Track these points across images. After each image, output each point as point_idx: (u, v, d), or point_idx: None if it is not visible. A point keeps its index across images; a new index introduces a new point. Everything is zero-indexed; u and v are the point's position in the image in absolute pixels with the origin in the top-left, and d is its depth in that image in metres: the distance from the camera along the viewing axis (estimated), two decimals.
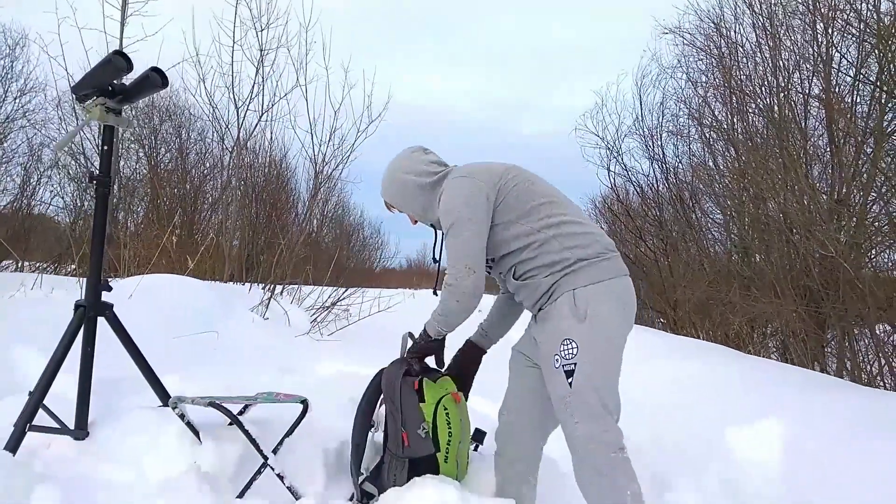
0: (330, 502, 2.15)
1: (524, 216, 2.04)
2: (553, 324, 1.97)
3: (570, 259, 1.98)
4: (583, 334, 1.91)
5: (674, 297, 11.33)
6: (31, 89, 12.50)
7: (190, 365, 3.57)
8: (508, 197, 2.06)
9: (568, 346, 1.90)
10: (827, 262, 7.13)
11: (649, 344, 5.59)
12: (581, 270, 1.97)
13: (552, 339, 1.96)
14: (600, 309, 1.94)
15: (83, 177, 12.94)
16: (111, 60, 2.22)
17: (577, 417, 1.89)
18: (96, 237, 2.36)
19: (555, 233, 2.01)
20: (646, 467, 2.15)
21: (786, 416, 2.88)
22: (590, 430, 1.88)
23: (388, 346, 2.38)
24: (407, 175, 2.21)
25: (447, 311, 2.06)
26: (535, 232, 2.02)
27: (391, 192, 2.26)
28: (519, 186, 2.08)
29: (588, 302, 1.93)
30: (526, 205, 2.05)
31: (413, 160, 2.24)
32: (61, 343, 2.32)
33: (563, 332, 1.93)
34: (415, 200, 2.21)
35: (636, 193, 12.94)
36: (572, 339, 1.90)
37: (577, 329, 1.91)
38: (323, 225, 12.80)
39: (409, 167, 2.22)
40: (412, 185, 2.20)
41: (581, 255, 1.99)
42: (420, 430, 2.12)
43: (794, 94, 8.50)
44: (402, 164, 2.25)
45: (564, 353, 1.91)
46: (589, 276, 1.97)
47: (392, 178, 2.25)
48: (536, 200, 2.07)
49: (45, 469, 2.09)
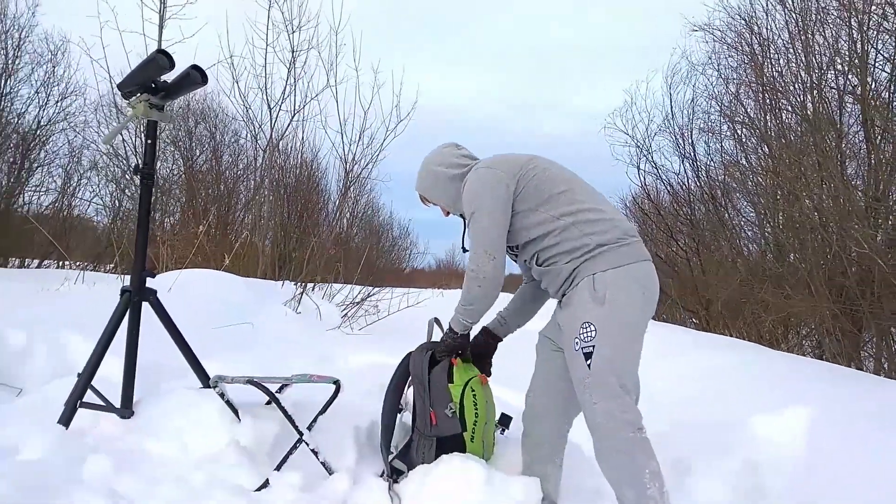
0: (361, 477, 2.25)
1: (544, 204, 2.11)
2: (573, 308, 2.03)
3: (590, 245, 2.04)
4: (601, 318, 1.96)
5: (705, 296, 11.23)
6: (71, 93, 12.92)
7: (227, 353, 3.71)
8: (528, 186, 2.13)
9: (587, 329, 1.97)
10: (863, 260, 7.03)
11: (676, 339, 5.58)
12: (601, 255, 2.03)
13: (572, 323, 2.02)
14: (619, 293, 1.99)
15: (124, 175, 13.36)
16: (154, 59, 2.35)
17: (595, 398, 1.95)
18: (141, 226, 2.49)
19: (574, 220, 2.07)
20: (668, 452, 2.19)
21: (811, 405, 2.89)
22: (608, 409, 1.93)
23: (417, 341, 2.47)
24: (438, 167, 2.34)
25: (471, 299, 2.15)
26: (555, 219, 2.09)
27: (424, 184, 2.39)
28: (539, 176, 2.15)
29: (607, 286, 1.99)
30: (545, 193, 2.12)
31: (444, 154, 2.37)
32: (108, 327, 2.45)
33: (582, 315, 1.99)
34: (445, 191, 2.33)
35: (667, 192, 12.82)
36: (591, 323, 1.97)
37: (595, 312, 1.97)
38: (353, 224, 12.97)
39: (440, 160, 2.35)
40: (443, 177, 2.32)
41: (600, 240, 2.04)
42: (448, 409, 2.21)
43: (828, 91, 8.39)
44: (434, 157, 2.38)
45: (583, 336, 1.97)
46: (608, 260, 2.02)
47: (425, 171, 2.38)
48: (556, 189, 2.13)
49: (94, 443, 2.22)
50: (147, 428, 2.36)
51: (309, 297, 6.57)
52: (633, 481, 1.92)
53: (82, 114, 12.95)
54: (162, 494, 1.88)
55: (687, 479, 2.56)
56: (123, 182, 13.78)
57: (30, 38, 11.94)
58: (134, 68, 2.46)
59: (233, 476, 2.09)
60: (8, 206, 12.21)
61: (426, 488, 2.10)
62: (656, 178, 12.75)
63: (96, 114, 13.00)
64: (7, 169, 12.12)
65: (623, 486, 1.95)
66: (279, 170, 9.10)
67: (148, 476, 2.00)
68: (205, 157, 13.54)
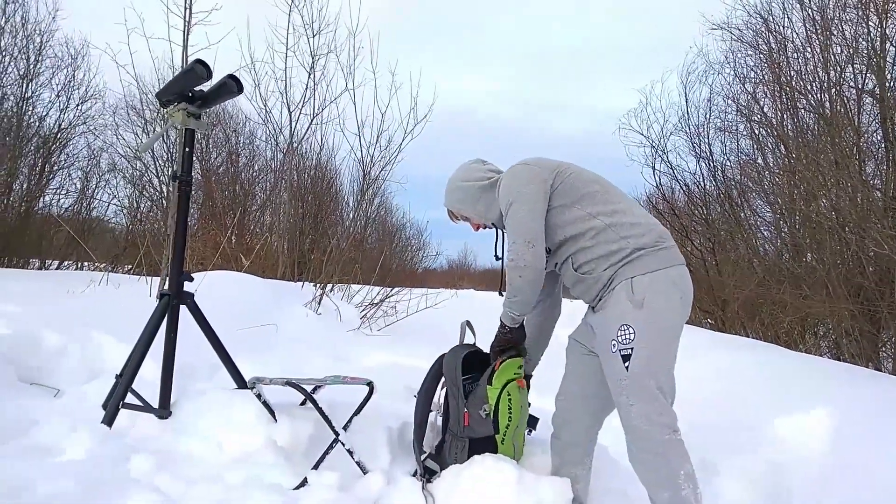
0: (395, 477, 2.30)
1: (579, 201, 2.15)
2: (611, 310, 2.06)
3: (627, 249, 2.06)
4: (640, 321, 1.99)
5: (721, 296, 11.19)
6: (91, 96, 13.09)
7: (254, 354, 3.77)
8: (565, 182, 2.17)
9: (625, 331, 1.99)
10: (882, 260, 6.99)
11: (695, 340, 5.60)
12: (638, 260, 2.05)
13: (610, 325, 2.04)
14: (657, 297, 2.02)
15: (142, 177, 13.52)
16: (193, 69, 2.41)
17: (632, 400, 1.98)
18: (179, 231, 2.56)
19: (610, 221, 2.10)
20: (693, 452, 2.21)
21: (832, 405, 2.91)
22: (645, 411, 1.96)
23: (435, 341, 2.53)
24: (467, 182, 2.39)
25: (515, 290, 2.16)
26: (591, 217, 2.11)
27: (454, 199, 2.43)
28: (574, 174, 2.20)
29: (645, 290, 2.01)
30: (580, 190, 2.16)
31: (472, 170, 2.43)
32: (147, 329, 2.51)
33: (620, 318, 2.02)
34: (477, 202, 2.37)
35: (682, 192, 12.79)
36: (629, 326, 1.99)
37: (634, 315, 2.00)
38: (367, 225, 13.04)
39: (468, 176, 2.41)
40: (474, 190, 2.36)
41: (637, 244, 2.07)
42: (482, 411, 2.25)
43: (847, 90, 8.34)
44: (461, 174, 2.43)
45: (622, 339, 2.00)
46: (646, 264, 2.05)
47: (454, 187, 2.42)
48: (590, 187, 2.18)
49: (134, 443, 2.28)
50: (184, 428, 2.42)
51: (329, 298, 6.65)
52: (668, 483, 1.96)
53: (102, 117, 13.16)
54: (201, 493, 1.93)
55: (714, 480, 2.59)
56: (141, 184, 13.98)
57: (50, 42, 12.13)
58: (172, 78, 2.53)
59: (270, 475, 2.14)
60: (29, 209, 12.40)
61: (458, 488, 2.15)
62: (671, 178, 12.72)
63: (115, 116, 13.20)
64: (28, 172, 12.31)
65: (658, 488, 1.99)
66: (297, 172, 9.18)
67: (187, 475, 2.05)
68: (221, 159, 13.67)
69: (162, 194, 13.41)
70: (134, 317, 3.33)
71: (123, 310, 3.84)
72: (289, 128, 7.86)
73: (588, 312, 2.28)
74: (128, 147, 13.55)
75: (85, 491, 1.61)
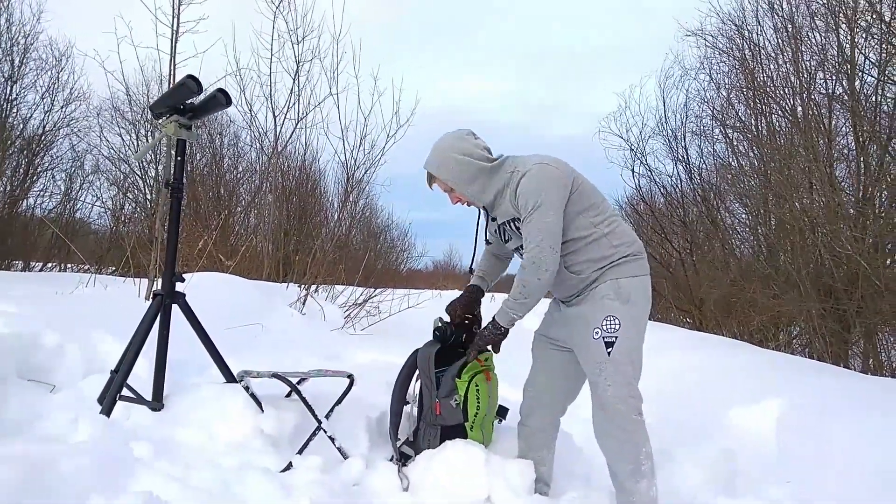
0: (373, 462, 2.50)
1: (587, 210, 2.33)
2: (596, 303, 2.29)
3: (616, 255, 2.31)
4: (626, 314, 2.25)
5: (698, 295, 11.47)
6: (75, 98, 13.13)
7: (241, 352, 3.93)
8: (579, 190, 2.33)
9: (611, 321, 2.24)
10: (850, 262, 7.25)
11: (669, 338, 5.85)
12: (626, 264, 2.32)
13: (594, 316, 2.27)
14: (639, 297, 2.31)
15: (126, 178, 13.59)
16: (185, 83, 2.59)
17: (610, 381, 2.22)
18: (171, 235, 2.73)
19: (607, 231, 2.33)
20: (655, 439, 2.43)
21: (783, 397, 3.16)
22: (620, 393, 2.22)
23: (417, 340, 2.71)
24: (466, 157, 2.33)
25: (528, 291, 2.26)
26: (593, 227, 2.32)
27: (446, 170, 2.36)
28: (584, 184, 2.37)
29: (631, 290, 2.29)
30: (589, 200, 2.35)
31: (469, 143, 2.37)
32: (141, 327, 2.69)
33: (607, 310, 2.26)
34: (474, 181, 2.35)
35: (660, 194, 13.08)
36: (616, 317, 2.24)
37: (621, 309, 2.25)
38: (352, 227, 13.17)
39: (466, 149, 2.35)
40: (474, 168, 2.33)
41: (625, 251, 2.33)
42: (453, 401, 2.46)
43: (817, 95, 8.61)
44: (458, 145, 2.36)
45: (607, 327, 2.24)
46: (631, 269, 2.32)
47: (448, 157, 2.35)
48: (595, 198, 2.39)
49: (132, 432, 2.45)
50: (177, 419, 2.60)
51: (313, 298, 6.81)
52: (631, 457, 2.23)
53: (86, 119, 13.19)
54: (201, 475, 2.11)
55: (669, 465, 2.80)
56: (125, 186, 14.03)
57: (35, 44, 12.17)
58: (165, 92, 2.70)
59: (259, 460, 2.33)
60: (12, 211, 12.42)
61: (431, 470, 2.36)
62: (650, 180, 13.00)
63: (99, 118, 13.25)
64: (11, 174, 12.33)
65: (621, 462, 2.25)
66: (281, 175, 9.32)
67: (184, 461, 2.23)
68: (205, 160, 13.73)
69: (146, 196, 13.51)
70: (125, 316, 3.49)
71: (115, 310, 4.00)
72: (273, 132, 8.01)
73: (555, 307, 2.51)
74: (112, 149, 13.64)
75: (99, 468, 1.79)
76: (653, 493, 2.25)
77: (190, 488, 1.98)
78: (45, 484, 1.63)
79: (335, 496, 2.20)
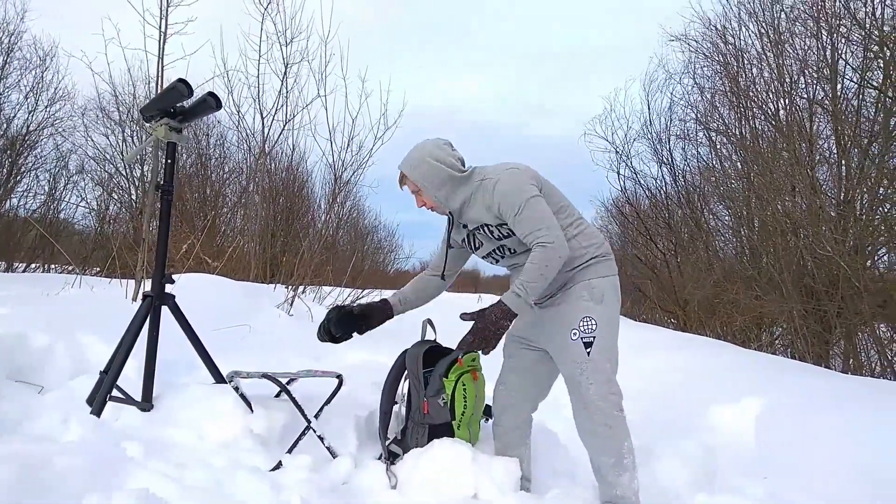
0: (362, 460, 2.54)
1: (555, 213, 2.36)
2: (571, 305, 2.36)
3: (587, 256, 2.39)
4: (601, 315, 2.33)
5: (683, 296, 11.61)
6: (60, 98, 13.06)
7: (229, 353, 3.95)
8: (547, 193, 2.39)
9: (588, 322, 2.31)
10: (831, 263, 7.38)
11: (654, 338, 5.93)
12: (596, 265, 2.40)
13: (570, 317, 2.34)
14: (611, 297, 2.39)
15: (111, 178, 13.50)
16: (175, 87, 2.62)
17: (591, 380, 2.29)
18: (161, 238, 2.76)
19: (575, 233, 2.41)
20: (638, 437, 2.50)
21: (763, 395, 3.24)
22: (602, 391, 2.29)
23: (406, 341, 2.75)
24: (439, 163, 2.40)
25: (547, 271, 2.23)
26: (562, 229, 2.34)
27: (419, 172, 2.42)
28: (550, 187, 2.44)
29: (603, 290, 2.37)
30: (557, 203, 2.41)
31: (444, 152, 2.44)
32: (131, 328, 2.71)
33: (584, 311, 2.33)
34: (442, 186, 2.42)
35: (646, 196, 13.23)
36: (592, 318, 2.32)
37: (596, 310, 2.33)
38: (339, 228, 13.18)
39: (441, 157, 2.42)
40: (445, 174, 2.40)
41: (595, 252, 2.41)
42: (440, 400, 2.51)
43: (799, 100, 8.75)
44: (434, 152, 2.43)
45: (584, 328, 2.31)
46: (602, 270, 2.40)
47: (422, 161, 2.42)
48: (562, 200, 2.46)
49: (122, 432, 2.48)
50: (166, 419, 2.62)
51: (301, 299, 6.83)
52: (613, 452, 2.30)
53: (70, 119, 13.12)
54: (193, 474, 2.14)
55: (651, 462, 2.87)
56: (110, 186, 13.94)
57: (19, 44, 12.09)
58: (155, 96, 2.73)
59: (249, 459, 2.36)
60: None
61: (419, 468, 2.39)
62: (635, 182, 13.15)
63: (83, 118, 13.17)
64: None
65: (604, 456, 2.32)
66: (268, 176, 9.32)
67: (175, 460, 2.26)
68: (191, 160, 13.69)
69: (131, 196, 13.45)
70: (113, 318, 3.50)
71: (103, 311, 4.00)
72: (261, 133, 8.02)
73: (533, 310, 2.54)
74: (97, 149, 13.56)
75: (94, 466, 1.82)
76: (635, 485, 2.34)
77: (185, 487, 2.01)
78: (41, 483, 1.65)
79: (324, 494, 2.24)
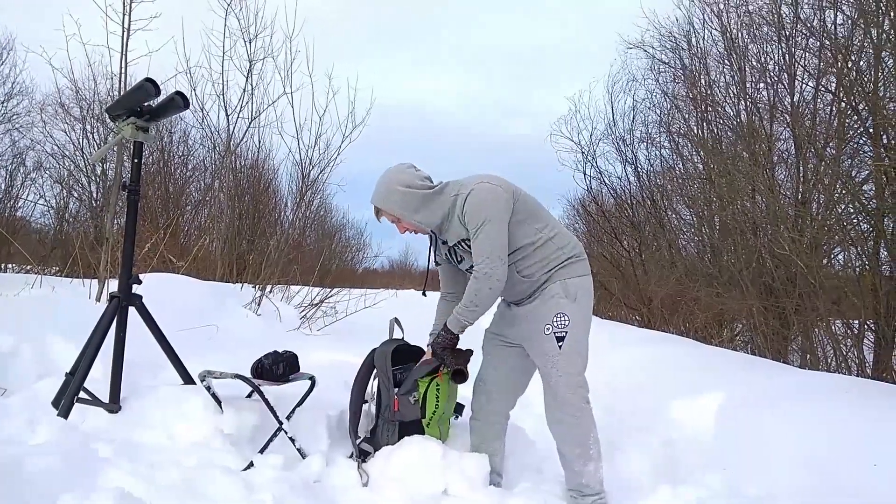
0: (333, 459, 2.57)
1: (529, 218, 2.48)
2: (546, 302, 2.46)
3: (562, 257, 2.50)
4: (573, 311, 2.43)
5: (647, 294, 11.82)
6: (17, 93, 12.71)
7: (196, 354, 3.92)
8: (520, 202, 2.47)
9: (561, 318, 2.42)
10: (791, 261, 7.61)
11: (618, 335, 6.06)
12: (570, 265, 2.50)
13: (545, 314, 2.44)
14: (584, 296, 2.49)
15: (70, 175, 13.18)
16: (142, 86, 2.60)
17: (561, 373, 2.40)
18: (128, 238, 2.74)
19: (550, 235, 2.50)
20: (603, 430, 2.58)
21: (722, 390, 3.36)
22: (570, 383, 2.40)
23: (375, 340, 2.78)
24: (408, 188, 2.45)
25: (479, 300, 2.39)
26: (537, 232, 2.48)
27: (391, 202, 2.47)
28: (524, 195, 2.52)
29: (577, 289, 2.47)
30: (530, 210, 2.50)
31: (409, 175, 2.49)
32: (98, 329, 2.69)
33: (557, 307, 2.43)
34: (419, 209, 2.46)
35: (611, 195, 13.42)
36: (565, 314, 2.42)
37: (570, 307, 2.43)
38: (306, 226, 13.07)
39: (408, 181, 2.47)
40: (416, 198, 2.45)
41: (569, 253, 2.51)
42: (411, 398, 2.55)
43: (759, 102, 8.98)
44: (400, 178, 2.48)
45: (557, 324, 2.41)
46: (576, 270, 2.51)
47: (391, 190, 2.47)
48: (537, 207, 2.55)
49: (90, 433, 2.46)
50: (135, 420, 2.61)
51: (269, 299, 6.79)
52: (580, 442, 2.42)
53: (28, 114, 12.77)
54: (166, 474, 2.14)
55: (615, 454, 2.96)
56: (69, 183, 13.60)
57: None
58: (122, 95, 2.71)
59: (221, 459, 2.37)
60: None
61: (390, 465, 2.44)
62: (601, 182, 13.32)
63: (42, 114, 12.83)
64: None
65: (571, 445, 2.43)
66: (233, 174, 9.20)
67: (146, 461, 2.25)
68: (153, 157, 13.44)
69: (91, 194, 13.14)
70: (77, 319, 3.46)
71: (66, 312, 3.93)
72: (226, 131, 7.93)
73: (505, 307, 2.65)
74: (56, 145, 13.22)
75: (66, 467, 1.81)
76: (599, 474, 2.45)
77: (158, 486, 2.02)
78: (13, 486, 1.64)
79: (297, 493, 2.26)
